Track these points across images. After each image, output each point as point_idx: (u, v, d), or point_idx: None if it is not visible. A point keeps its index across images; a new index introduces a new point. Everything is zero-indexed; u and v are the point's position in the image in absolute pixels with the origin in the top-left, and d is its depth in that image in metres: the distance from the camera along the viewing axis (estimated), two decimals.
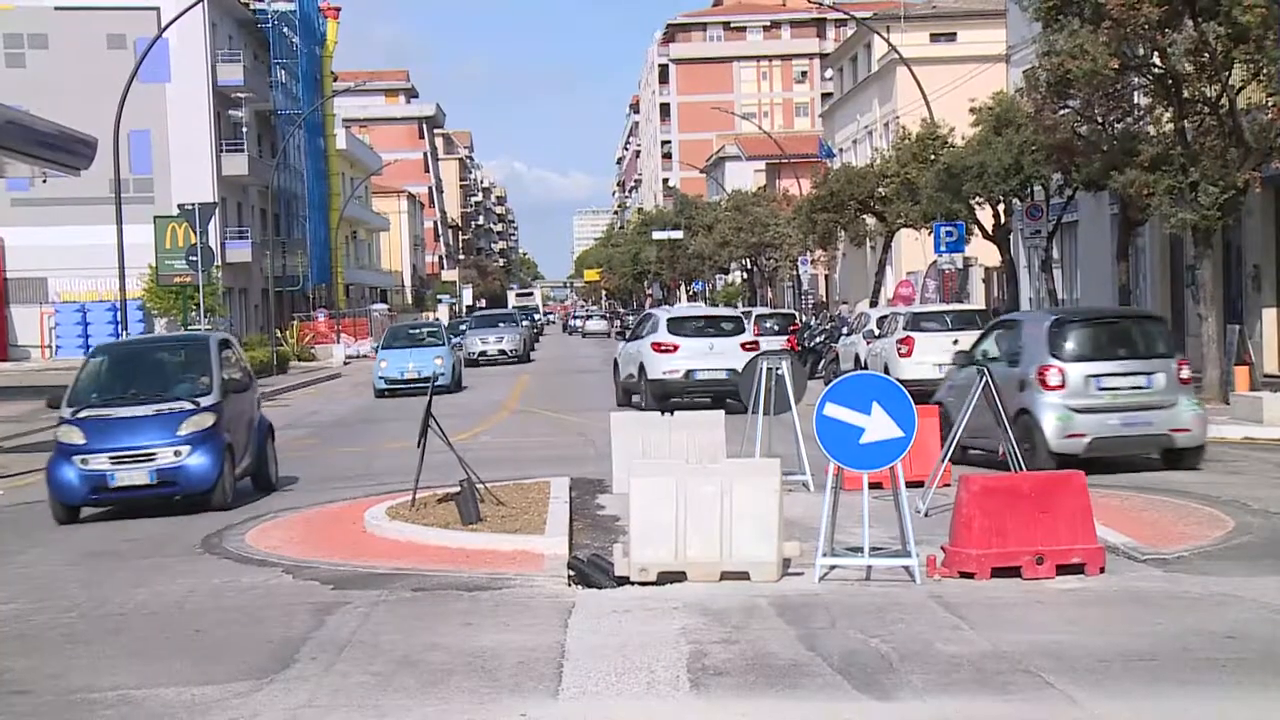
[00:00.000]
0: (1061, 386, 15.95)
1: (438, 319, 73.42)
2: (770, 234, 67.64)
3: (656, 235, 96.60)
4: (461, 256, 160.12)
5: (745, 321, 29.26)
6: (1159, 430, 16.13)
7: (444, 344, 38.61)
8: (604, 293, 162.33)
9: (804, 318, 53.30)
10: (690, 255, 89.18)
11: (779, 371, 14.98)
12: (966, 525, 10.47)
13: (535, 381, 40.51)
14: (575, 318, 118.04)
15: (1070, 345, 16.20)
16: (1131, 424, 16.01)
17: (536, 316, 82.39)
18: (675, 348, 26.25)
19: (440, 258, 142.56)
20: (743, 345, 25.89)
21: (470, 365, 44.13)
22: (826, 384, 15.44)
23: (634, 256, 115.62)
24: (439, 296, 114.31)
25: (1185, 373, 16.41)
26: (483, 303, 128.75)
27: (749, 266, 77.42)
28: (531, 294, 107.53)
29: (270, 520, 14.98)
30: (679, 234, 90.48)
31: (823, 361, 34.93)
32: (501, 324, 53.46)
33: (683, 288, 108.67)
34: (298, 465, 20.79)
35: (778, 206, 69.41)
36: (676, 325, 26.76)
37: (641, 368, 26.61)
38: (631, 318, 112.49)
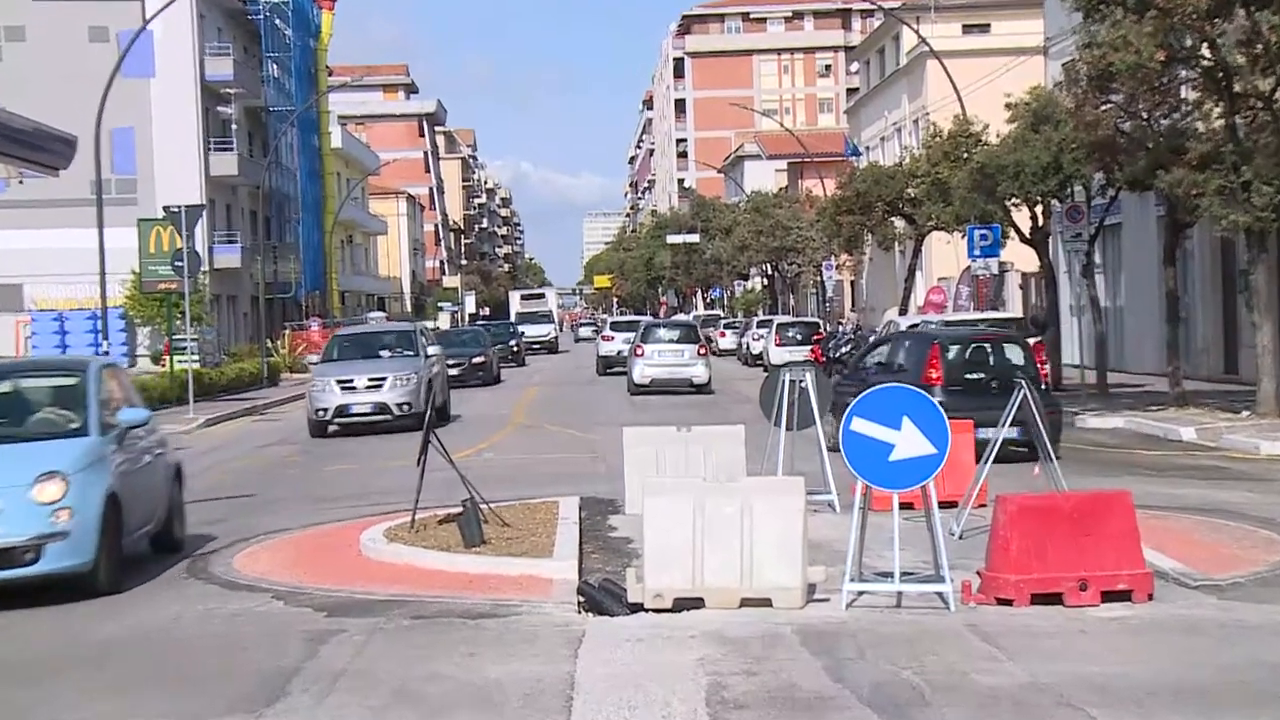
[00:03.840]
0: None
1: (437, 326, 73.41)
2: (792, 238, 67.77)
3: (671, 239, 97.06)
4: (464, 262, 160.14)
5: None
6: None
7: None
8: (615, 300, 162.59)
9: (829, 326, 53.29)
10: (707, 260, 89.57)
11: (802, 384, 14.97)
12: (1004, 548, 10.44)
13: (543, 394, 40.62)
14: (582, 324, 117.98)
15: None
16: None
17: (550, 330, 78.11)
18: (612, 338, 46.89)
19: (441, 263, 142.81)
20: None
21: (333, 426, 28.78)
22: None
23: (647, 262, 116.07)
24: (440, 304, 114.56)
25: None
26: (486, 311, 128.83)
27: (769, 272, 77.59)
28: (544, 297, 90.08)
29: (259, 543, 14.99)
30: (695, 238, 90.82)
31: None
32: (389, 352, 30.79)
33: (699, 295, 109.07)
34: (288, 484, 20.78)
35: (800, 208, 69.51)
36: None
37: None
38: (605, 317, 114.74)
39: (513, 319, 78.43)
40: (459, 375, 42.48)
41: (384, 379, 28.68)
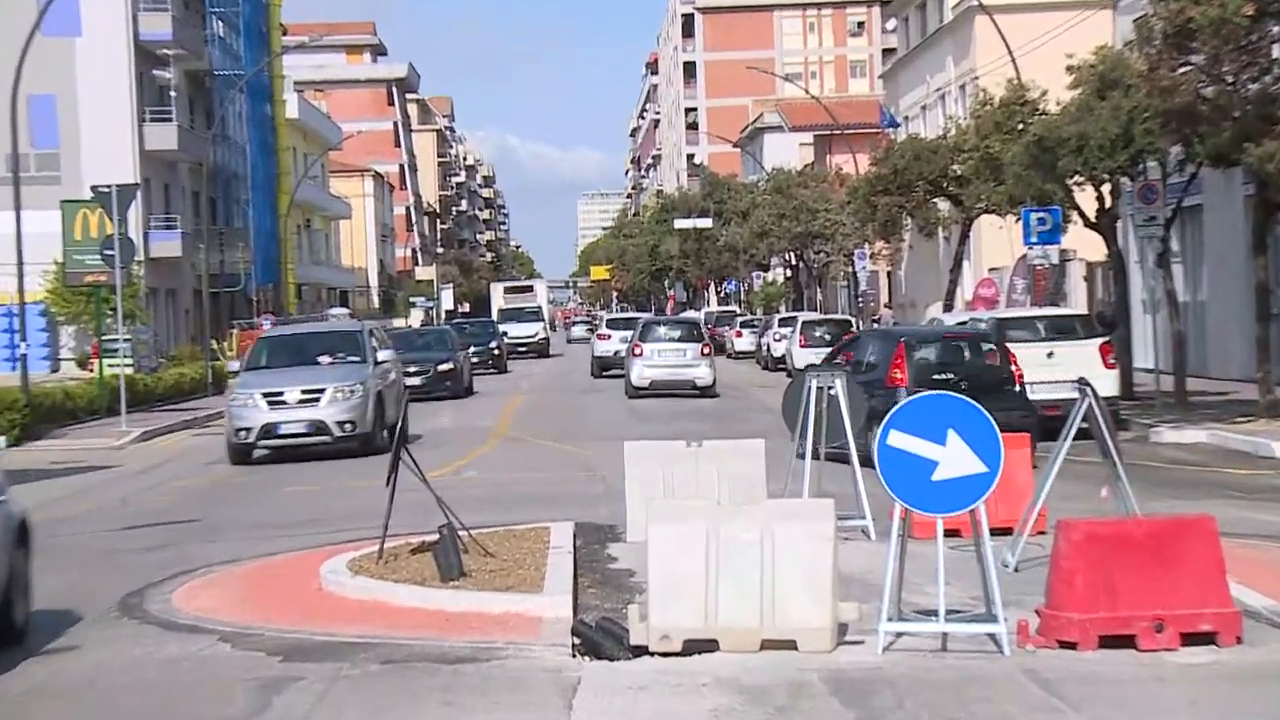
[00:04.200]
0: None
1: (409, 325, 73.22)
2: (820, 222, 67.76)
3: (679, 224, 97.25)
4: (440, 250, 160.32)
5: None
6: None
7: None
8: (614, 294, 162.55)
9: (862, 325, 53.24)
10: (721, 248, 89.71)
11: (832, 391, 15.03)
12: (1067, 583, 10.45)
13: (531, 402, 40.77)
14: (576, 322, 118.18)
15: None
16: None
17: (538, 330, 77.06)
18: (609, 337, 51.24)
19: (414, 251, 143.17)
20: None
21: (259, 450, 27.39)
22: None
23: (652, 250, 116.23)
24: (412, 299, 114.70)
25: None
26: (466, 307, 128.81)
27: (793, 262, 77.64)
28: (531, 291, 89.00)
29: (203, 576, 15.00)
30: (707, 222, 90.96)
31: None
32: (329, 358, 28.88)
33: (712, 288, 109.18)
34: (237, 508, 20.79)
35: (829, 188, 69.48)
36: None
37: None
38: (603, 314, 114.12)
39: (494, 316, 77.81)
40: (422, 386, 41.01)
41: (321, 391, 26.98)
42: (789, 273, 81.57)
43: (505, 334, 66.65)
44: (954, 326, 27.57)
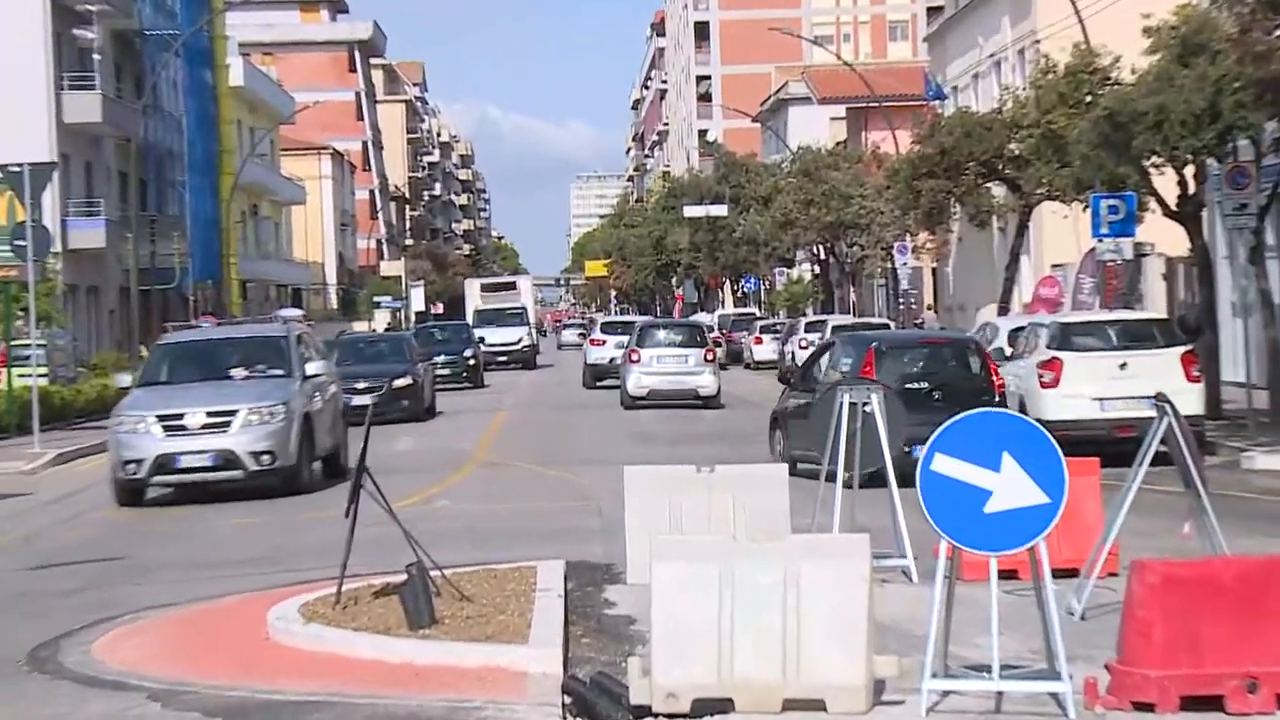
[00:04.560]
0: None
1: (371, 330, 72.97)
2: (854, 210, 67.72)
3: (689, 211, 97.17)
4: (409, 242, 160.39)
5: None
6: None
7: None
8: (613, 294, 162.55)
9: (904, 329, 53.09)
10: (738, 240, 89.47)
11: (867, 408, 15.01)
12: (1142, 634, 10.40)
13: (516, 421, 40.84)
14: (567, 326, 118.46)
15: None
16: None
17: (522, 335, 76.46)
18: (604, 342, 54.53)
19: (379, 243, 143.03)
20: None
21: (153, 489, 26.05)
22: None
23: (657, 242, 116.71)
24: (377, 299, 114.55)
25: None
26: (439, 307, 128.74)
27: (822, 256, 77.58)
28: (514, 288, 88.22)
29: (129, 623, 14.92)
30: (722, 209, 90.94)
31: None
32: (244, 371, 27.34)
33: (727, 286, 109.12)
34: (170, 543, 20.77)
35: (864, 170, 69.49)
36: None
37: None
38: (599, 316, 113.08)
39: (469, 320, 76.59)
40: (375, 407, 38.86)
41: (232, 414, 25.29)
42: (817, 269, 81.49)
43: (482, 341, 66.33)
44: (933, 331, 30.11)
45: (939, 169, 46.99)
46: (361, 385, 39.32)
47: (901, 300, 64.95)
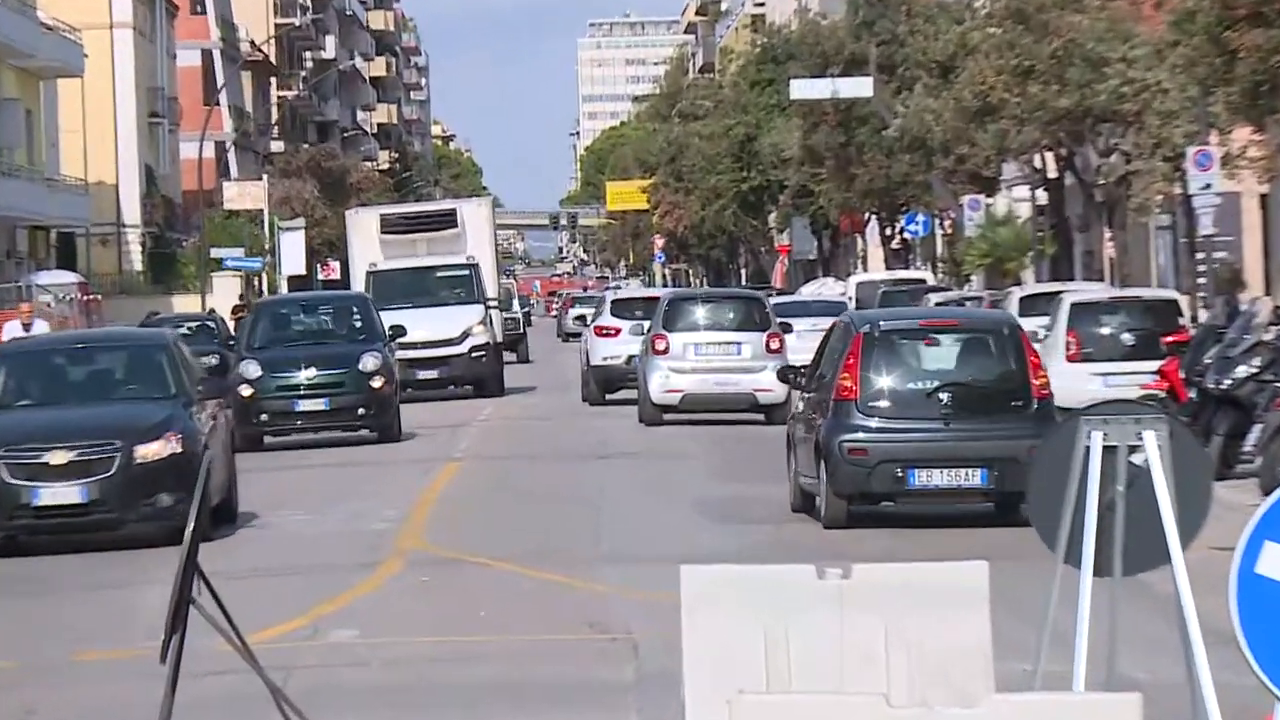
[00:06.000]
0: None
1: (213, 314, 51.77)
2: (1111, 86, 42.68)
3: (801, 90, 62.10)
4: (278, 146, 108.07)
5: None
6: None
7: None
8: (658, 243, 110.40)
9: (1207, 308, 35.79)
10: (893, 144, 57.75)
11: (1138, 460, 10.86)
12: None
13: (472, 474, 30.10)
14: (579, 301, 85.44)
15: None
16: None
17: (471, 322, 44.86)
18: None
19: (221, 150, 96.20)
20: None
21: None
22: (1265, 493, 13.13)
23: (742, 147, 78.79)
24: (218, 254, 78.19)
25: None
26: (332, 269, 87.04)
27: (1051, 173, 50.94)
28: (453, 224, 48.44)
29: None
30: (864, 85, 58.16)
31: (1254, 434, 26.38)
32: None
33: (872, 230, 72.46)
34: None
35: (1130, 10, 43.90)
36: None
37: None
38: (626, 284, 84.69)
39: (363, 289, 44.85)
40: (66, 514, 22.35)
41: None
42: (1039, 197, 53.37)
43: (395, 335, 37.43)
44: (940, 309, 25.75)
45: (1272, 11, 31.37)
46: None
47: (1201, 253, 40.99)
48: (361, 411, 33.20)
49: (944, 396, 20.45)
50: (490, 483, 29.28)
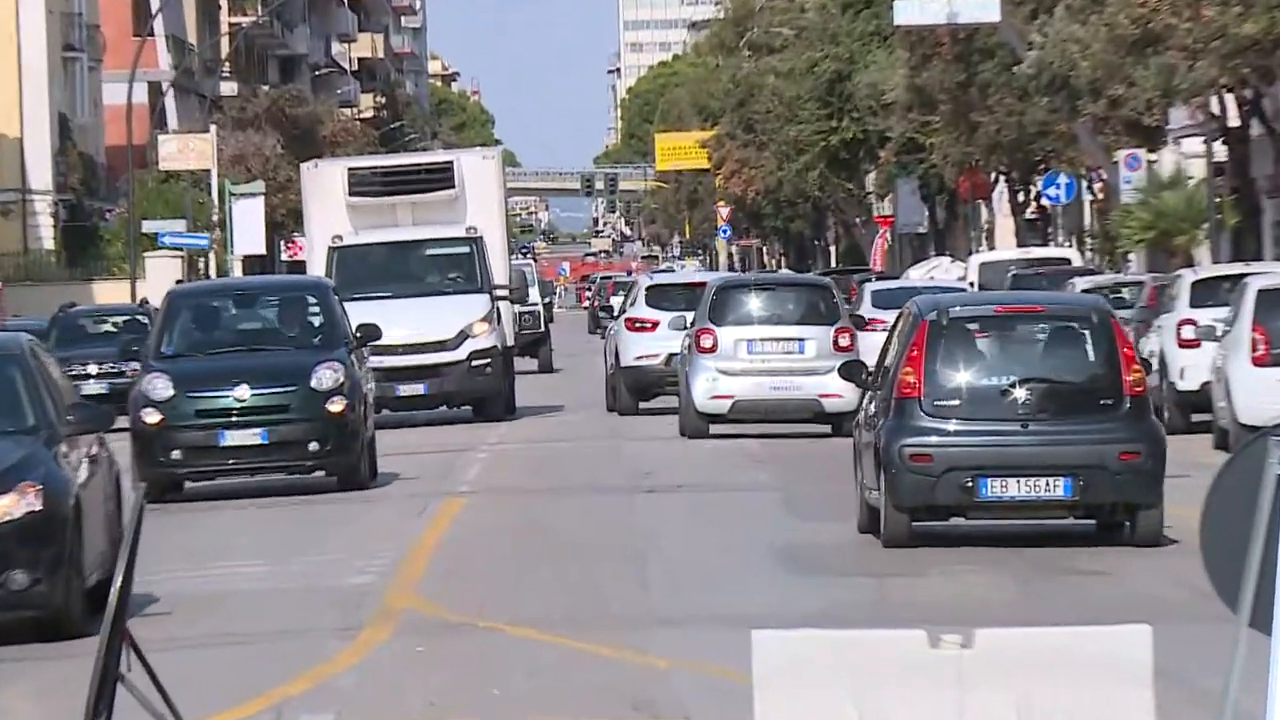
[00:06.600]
0: None
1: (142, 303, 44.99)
2: None
3: (904, 12, 51.66)
4: (232, 90, 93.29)
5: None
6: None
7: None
8: (722, 212, 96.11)
9: None
10: (1025, 86, 48.74)
11: None
12: None
13: (480, 513, 26.20)
14: (619, 285, 72.22)
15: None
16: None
17: (473, 318, 37.54)
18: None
19: (157, 94, 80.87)
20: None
21: None
22: None
23: (830, 89, 67.71)
24: (152, 228, 66.01)
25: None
26: (297, 248, 71.36)
27: (1233, 121, 43.97)
28: (446, 182, 39.21)
29: None
30: (990, 10, 48.65)
31: None
32: None
33: (1002, 196, 62.65)
34: None
35: None
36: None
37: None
38: (675, 266, 73.76)
39: (323, 272, 36.93)
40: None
41: None
42: (1220, 152, 45.03)
43: (365, 337, 29.23)
44: (1020, 293, 24.93)
45: None
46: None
47: None
48: (314, 446, 25.84)
49: (1022, 394, 18.85)
50: (503, 524, 25.56)
